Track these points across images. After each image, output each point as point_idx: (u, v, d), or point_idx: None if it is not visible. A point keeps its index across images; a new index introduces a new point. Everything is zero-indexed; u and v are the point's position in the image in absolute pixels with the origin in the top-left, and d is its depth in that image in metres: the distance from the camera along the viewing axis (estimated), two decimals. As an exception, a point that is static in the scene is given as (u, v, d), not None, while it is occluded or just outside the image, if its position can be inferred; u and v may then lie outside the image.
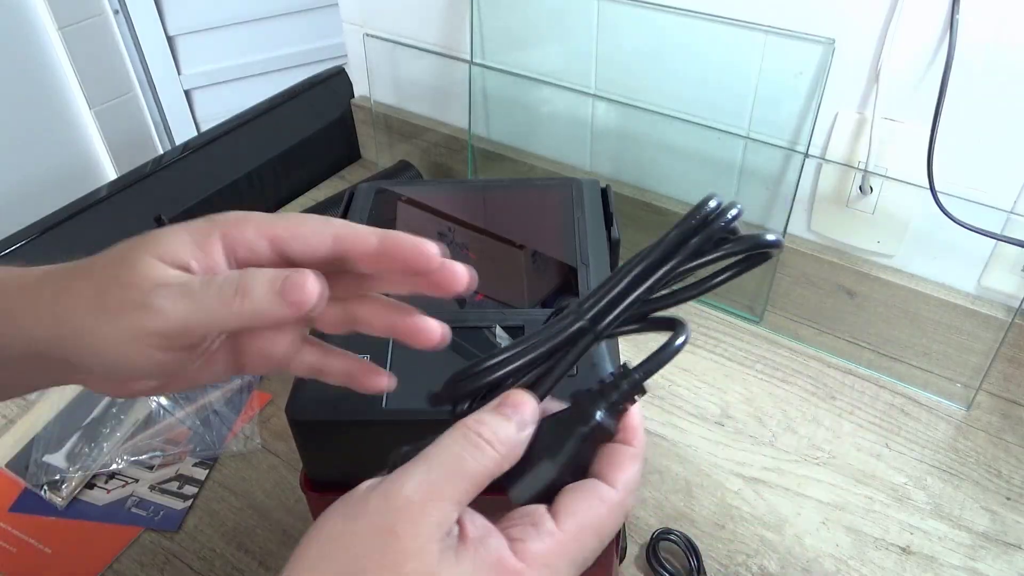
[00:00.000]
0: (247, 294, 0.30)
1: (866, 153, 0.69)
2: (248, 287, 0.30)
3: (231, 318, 0.30)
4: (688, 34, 0.74)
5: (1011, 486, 0.65)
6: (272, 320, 0.30)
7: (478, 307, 0.49)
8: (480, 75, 0.91)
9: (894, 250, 0.73)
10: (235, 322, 0.30)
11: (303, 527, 0.62)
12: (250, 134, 0.98)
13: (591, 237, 0.53)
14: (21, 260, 0.78)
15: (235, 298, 0.30)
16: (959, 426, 0.69)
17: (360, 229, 0.33)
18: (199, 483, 0.67)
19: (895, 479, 0.65)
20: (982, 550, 0.60)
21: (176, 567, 0.61)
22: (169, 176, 0.91)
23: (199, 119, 1.82)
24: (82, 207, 0.83)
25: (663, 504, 0.64)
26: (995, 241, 0.66)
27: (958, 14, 0.60)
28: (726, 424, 0.70)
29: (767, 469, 0.66)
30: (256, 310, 0.30)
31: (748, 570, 0.59)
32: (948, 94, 0.62)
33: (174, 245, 0.32)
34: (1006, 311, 0.69)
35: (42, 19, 1.49)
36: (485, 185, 0.72)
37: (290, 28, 1.77)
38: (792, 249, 0.77)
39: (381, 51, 0.99)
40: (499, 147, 0.95)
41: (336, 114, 1.07)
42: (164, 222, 0.88)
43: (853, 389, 0.73)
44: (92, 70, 1.59)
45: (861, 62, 0.67)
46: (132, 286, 0.30)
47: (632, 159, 0.85)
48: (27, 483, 0.66)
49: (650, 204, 0.84)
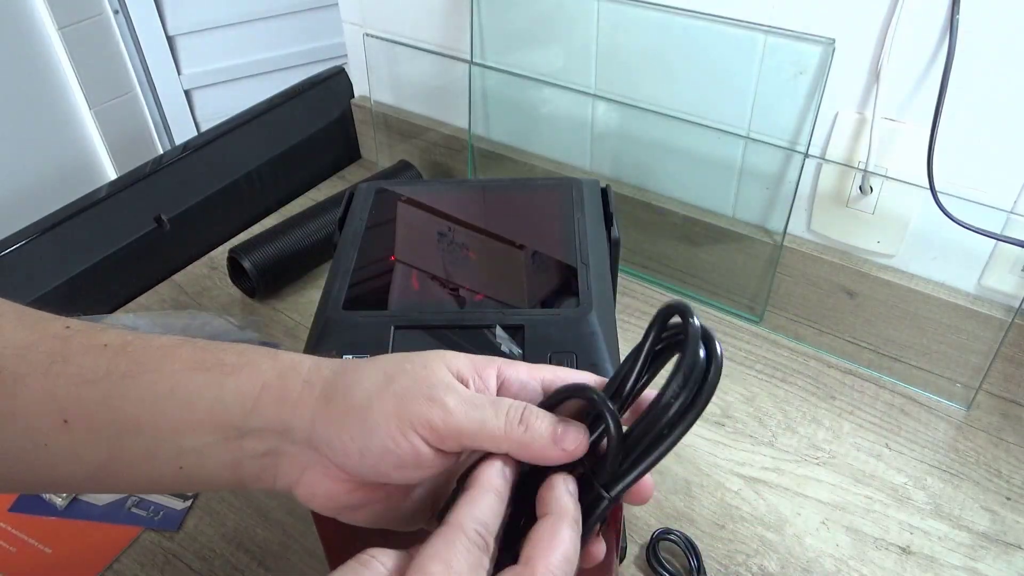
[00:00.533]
0: (530, 426, 0.33)
1: (866, 153, 0.69)
2: (531, 420, 0.33)
3: (504, 441, 0.33)
4: (688, 34, 0.74)
5: (1011, 486, 0.65)
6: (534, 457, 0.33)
7: (478, 307, 0.49)
8: (480, 75, 0.91)
9: (894, 250, 0.73)
10: (504, 446, 0.33)
11: (303, 527, 0.62)
12: (250, 134, 0.98)
13: (591, 237, 0.53)
14: (21, 260, 0.79)
15: (518, 425, 0.33)
16: (959, 426, 0.70)
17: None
18: (199, 483, 0.67)
19: (895, 479, 0.65)
20: (982, 550, 0.60)
21: (176, 567, 0.61)
22: (169, 176, 0.91)
23: (199, 119, 1.82)
24: (82, 207, 0.83)
25: (663, 504, 0.64)
26: (995, 241, 0.66)
27: (958, 14, 0.60)
28: (726, 424, 0.70)
29: (767, 469, 0.66)
30: (529, 442, 0.33)
31: (748, 570, 0.59)
32: (948, 94, 0.62)
33: (459, 362, 0.35)
34: (1006, 311, 0.69)
35: (42, 19, 1.49)
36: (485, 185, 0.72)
37: (290, 28, 1.77)
38: (792, 249, 0.77)
39: (381, 51, 0.99)
40: (499, 147, 0.95)
41: (336, 114, 1.07)
42: (164, 222, 0.89)
43: (853, 389, 0.73)
44: (92, 70, 1.59)
45: (861, 62, 0.67)
46: (424, 380, 0.33)
47: (632, 159, 0.85)
48: (27, 483, 0.66)
49: (650, 204, 0.84)
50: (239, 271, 0.86)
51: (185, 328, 0.81)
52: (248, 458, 0.35)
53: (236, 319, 0.83)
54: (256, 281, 0.84)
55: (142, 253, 0.88)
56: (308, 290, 0.88)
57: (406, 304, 0.50)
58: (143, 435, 0.35)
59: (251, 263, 0.83)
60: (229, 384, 0.35)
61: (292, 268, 0.87)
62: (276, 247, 0.85)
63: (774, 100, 0.72)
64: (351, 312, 0.48)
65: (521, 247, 0.55)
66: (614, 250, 0.54)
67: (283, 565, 0.61)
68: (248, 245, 0.85)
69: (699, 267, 0.83)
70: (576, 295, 0.48)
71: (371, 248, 0.54)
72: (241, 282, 0.87)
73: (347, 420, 0.33)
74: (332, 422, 0.34)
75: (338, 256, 0.53)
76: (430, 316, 0.47)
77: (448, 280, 0.52)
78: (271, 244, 0.85)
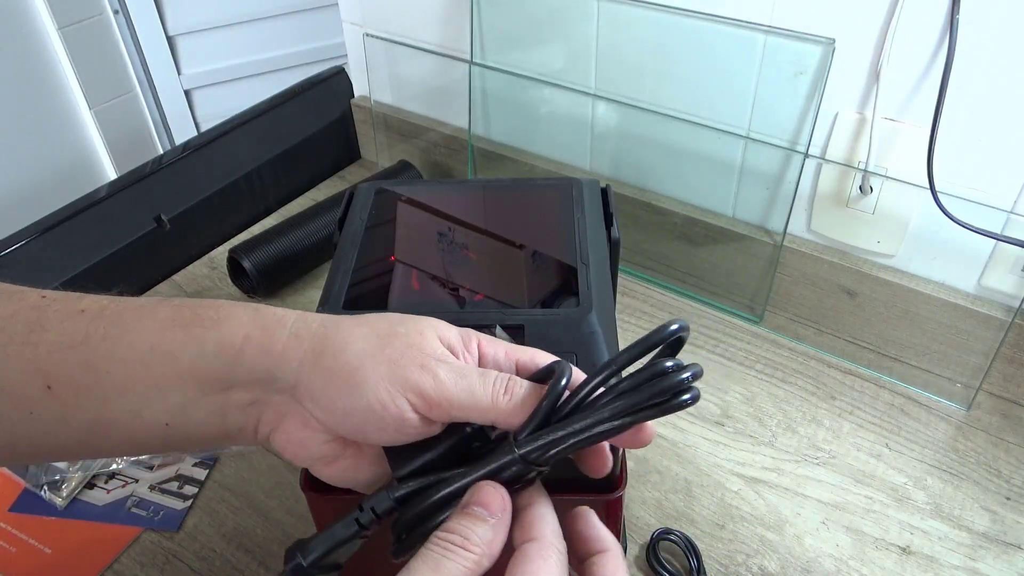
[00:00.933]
0: (514, 395, 0.34)
1: (866, 153, 0.69)
2: (515, 389, 0.34)
3: (490, 411, 0.33)
4: (688, 34, 0.74)
5: (1011, 486, 0.65)
6: (511, 425, 0.34)
7: (478, 307, 0.49)
8: (480, 75, 0.91)
9: (894, 250, 0.73)
10: (491, 416, 0.34)
11: (303, 527, 0.62)
12: (250, 134, 0.98)
13: (591, 237, 0.53)
14: (21, 260, 0.79)
15: (503, 395, 0.34)
16: (959, 426, 0.70)
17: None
18: (199, 483, 0.67)
19: (895, 479, 0.65)
20: (982, 550, 0.60)
21: (176, 567, 0.61)
22: (169, 176, 0.91)
23: (199, 119, 1.82)
24: (82, 207, 0.83)
25: (663, 504, 0.64)
26: (995, 241, 0.66)
27: (958, 14, 0.60)
28: (726, 424, 0.70)
29: (767, 469, 0.66)
30: (512, 411, 0.33)
31: (748, 570, 0.59)
32: (948, 94, 0.62)
33: (449, 333, 0.36)
34: (1006, 311, 0.69)
35: (42, 19, 1.49)
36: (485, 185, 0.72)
37: (290, 28, 1.77)
38: (792, 249, 0.77)
39: (381, 51, 0.99)
40: (499, 147, 0.95)
41: (336, 114, 1.07)
42: (164, 222, 0.89)
43: (853, 389, 0.73)
44: (92, 70, 1.59)
45: (861, 62, 0.67)
46: (417, 348, 0.34)
47: (632, 159, 0.85)
48: (27, 483, 0.66)
49: (650, 204, 0.84)
50: (239, 271, 0.86)
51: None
52: (233, 409, 0.36)
53: (236, 319, 0.83)
54: (256, 281, 0.84)
55: (142, 253, 0.88)
56: (308, 290, 0.88)
57: (406, 304, 0.50)
58: (128, 395, 0.35)
59: (251, 263, 0.83)
60: (210, 337, 0.35)
61: (292, 268, 0.87)
62: (276, 247, 0.85)
63: (774, 100, 0.72)
64: (351, 312, 0.48)
65: (521, 247, 0.55)
66: (614, 250, 0.54)
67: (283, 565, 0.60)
68: (248, 245, 0.85)
69: (699, 267, 0.83)
70: (576, 295, 0.48)
71: (371, 248, 0.54)
72: (241, 282, 0.87)
73: (336, 378, 0.34)
74: (319, 377, 0.34)
75: (338, 256, 0.53)
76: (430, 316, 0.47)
77: (448, 280, 0.52)
78: (271, 244, 0.85)
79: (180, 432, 0.36)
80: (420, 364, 0.33)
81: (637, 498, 0.64)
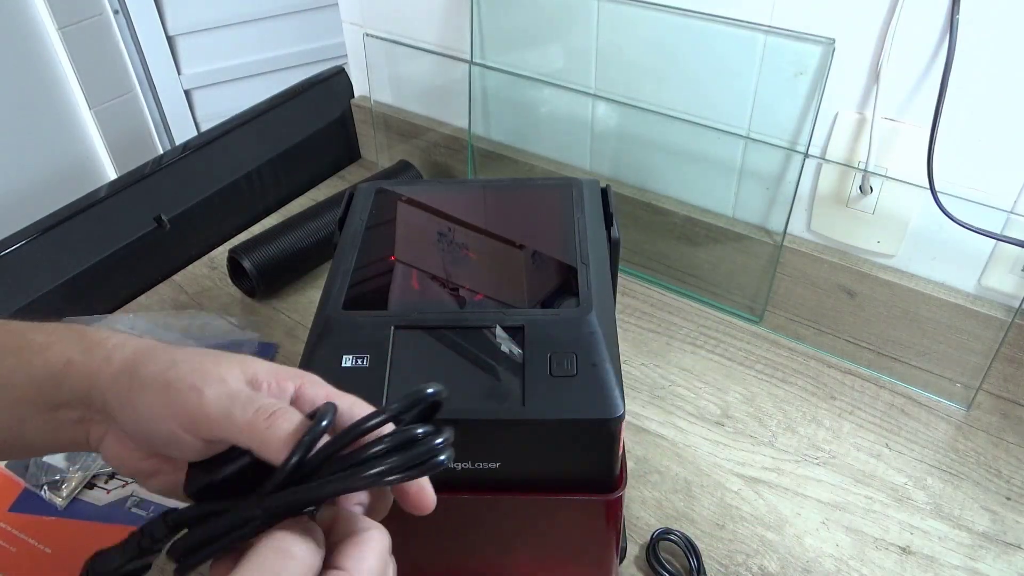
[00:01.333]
0: (275, 425, 0.33)
1: (866, 153, 0.69)
2: (279, 420, 0.33)
3: (252, 435, 0.33)
4: (688, 34, 0.74)
5: (1011, 486, 0.65)
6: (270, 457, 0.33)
7: (478, 307, 0.49)
8: (480, 75, 0.91)
9: (894, 250, 0.73)
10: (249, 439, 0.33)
11: (303, 527, 0.62)
12: (250, 134, 0.98)
13: (591, 237, 0.53)
14: (21, 260, 0.79)
15: (264, 421, 0.33)
16: (959, 426, 0.70)
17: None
18: (199, 483, 0.67)
19: (895, 479, 0.65)
20: (982, 550, 0.60)
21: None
22: (169, 176, 0.91)
23: (199, 119, 1.82)
24: (82, 207, 0.83)
25: (663, 504, 0.64)
26: (995, 241, 0.66)
27: (958, 14, 0.60)
28: (726, 424, 0.70)
29: (767, 469, 0.66)
30: (270, 441, 0.33)
31: (748, 570, 0.59)
32: (948, 94, 0.62)
33: (257, 367, 0.36)
34: (1006, 311, 0.69)
35: (42, 19, 1.49)
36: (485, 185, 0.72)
37: (290, 28, 1.77)
38: (792, 249, 0.77)
39: (381, 51, 0.99)
40: (499, 147, 0.95)
41: (336, 114, 1.07)
42: (164, 222, 0.89)
43: (853, 389, 0.73)
44: (92, 70, 1.59)
45: (861, 62, 0.67)
46: (199, 371, 0.35)
47: (632, 159, 0.85)
48: (27, 483, 0.66)
49: (650, 204, 0.84)
50: (239, 271, 0.86)
51: (185, 328, 0.81)
52: (64, 424, 0.38)
53: (236, 319, 0.83)
54: (256, 281, 0.84)
55: (142, 253, 0.88)
56: (308, 290, 0.88)
57: (406, 304, 0.50)
58: None
59: (251, 263, 0.83)
60: (37, 362, 0.38)
61: (292, 268, 0.87)
62: (276, 247, 0.85)
63: (774, 100, 0.72)
64: (351, 312, 0.48)
65: (521, 247, 0.55)
66: (614, 250, 0.54)
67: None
68: (248, 245, 0.85)
69: (699, 267, 0.83)
70: (576, 295, 0.48)
71: (371, 248, 0.54)
72: (241, 282, 0.87)
73: (130, 397, 0.36)
74: (120, 397, 0.36)
75: (338, 256, 0.53)
76: (430, 316, 0.47)
77: (448, 280, 0.52)
78: (271, 244, 0.85)
79: (18, 444, 0.40)
80: (191, 385, 0.34)
81: (637, 498, 0.64)
